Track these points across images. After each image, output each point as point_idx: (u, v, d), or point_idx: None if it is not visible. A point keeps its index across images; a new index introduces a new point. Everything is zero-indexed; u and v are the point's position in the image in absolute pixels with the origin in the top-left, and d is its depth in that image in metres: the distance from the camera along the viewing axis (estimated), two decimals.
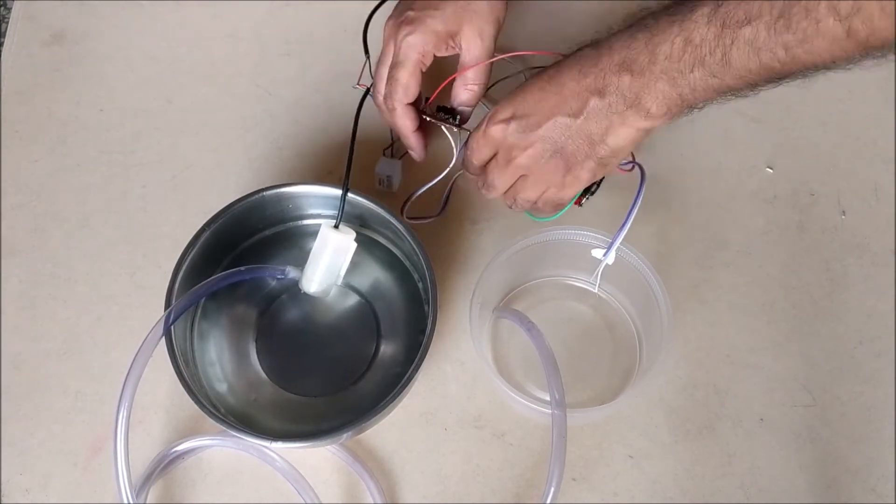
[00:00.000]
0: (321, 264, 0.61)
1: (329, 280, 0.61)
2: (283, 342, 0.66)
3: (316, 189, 0.63)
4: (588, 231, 0.62)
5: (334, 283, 0.62)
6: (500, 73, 0.70)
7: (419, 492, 0.62)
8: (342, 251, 0.61)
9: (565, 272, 0.68)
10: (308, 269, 0.61)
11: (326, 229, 0.60)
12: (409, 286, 0.65)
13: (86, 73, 0.76)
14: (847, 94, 0.74)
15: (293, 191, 0.63)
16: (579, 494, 0.61)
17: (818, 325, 0.66)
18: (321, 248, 0.61)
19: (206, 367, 0.62)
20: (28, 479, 0.62)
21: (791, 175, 0.71)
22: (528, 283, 0.68)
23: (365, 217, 0.64)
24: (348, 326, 0.66)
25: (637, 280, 0.62)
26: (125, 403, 0.54)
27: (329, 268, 0.61)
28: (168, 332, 0.56)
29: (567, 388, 0.58)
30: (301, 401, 0.64)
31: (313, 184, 0.63)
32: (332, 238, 0.60)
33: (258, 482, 0.61)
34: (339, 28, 0.77)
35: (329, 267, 0.61)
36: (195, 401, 0.55)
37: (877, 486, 0.61)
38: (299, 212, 0.65)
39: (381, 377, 0.64)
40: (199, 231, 0.60)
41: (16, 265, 0.69)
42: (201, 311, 0.64)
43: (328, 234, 0.60)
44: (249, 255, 0.65)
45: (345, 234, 0.61)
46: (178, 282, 0.58)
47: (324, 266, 0.61)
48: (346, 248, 0.61)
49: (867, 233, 0.69)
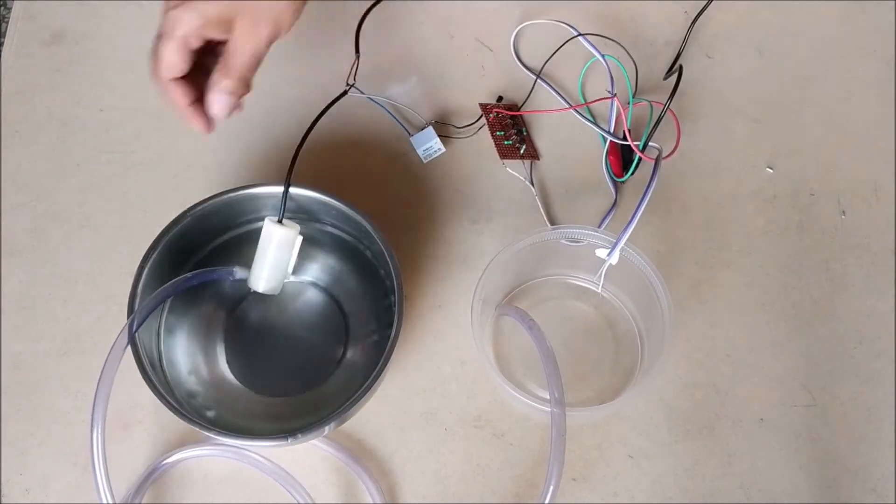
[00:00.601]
0: (267, 261, 0.60)
1: (277, 276, 0.60)
2: (251, 342, 0.65)
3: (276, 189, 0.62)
4: (590, 230, 0.62)
5: (283, 279, 0.61)
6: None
7: (419, 492, 0.62)
8: (287, 245, 0.60)
9: (567, 272, 0.68)
10: (255, 266, 0.60)
11: (270, 224, 0.59)
12: (377, 283, 0.65)
13: (86, 72, 0.76)
14: (847, 94, 0.74)
15: (257, 192, 0.63)
16: (579, 494, 0.61)
17: (818, 325, 0.66)
18: (266, 245, 0.60)
19: (175, 368, 0.62)
20: (28, 478, 0.62)
21: (791, 175, 0.71)
22: (531, 283, 0.68)
23: (324, 213, 0.64)
24: (317, 325, 0.66)
25: (639, 280, 0.62)
26: (97, 427, 0.54)
27: (275, 264, 0.60)
28: (132, 339, 0.56)
29: (568, 387, 0.58)
30: (272, 401, 0.64)
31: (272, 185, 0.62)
32: (275, 233, 0.59)
33: (256, 481, 0.61)
34: (338, 28, 0.77)
35: (275, 263, 0.60)
36: (170, 408, 0.55)
37: (877, 486, 0.61)
38: (263, 212, 0.65)
39: (351, 375, 0.64)
40: (161, 232, 0.60)
41: (16, 265, 0.69)
42: (168, 312, 0.63)
43: (272, 229, 0.59)
44: (218, 255, 0.65)
45: (289, 227, 0.60)
46: (140, 285, 0.58)
47: (270, 262, 0.60)
48: (291, 242, 0.60)
49: (867, 233, 0.69)
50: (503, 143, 0.71)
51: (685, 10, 0.78)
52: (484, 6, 0.79)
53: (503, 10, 0.78)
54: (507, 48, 0.77)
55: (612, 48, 0.73)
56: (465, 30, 0.78)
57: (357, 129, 0.73)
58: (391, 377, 0.65)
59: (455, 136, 0.73)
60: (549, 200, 0.71)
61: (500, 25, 0.78)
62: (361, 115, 0.73)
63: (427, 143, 0.71)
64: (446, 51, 0.77)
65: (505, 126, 0.72)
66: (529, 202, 0.70)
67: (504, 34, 0.77)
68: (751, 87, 0.75)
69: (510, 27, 0.77)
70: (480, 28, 0.78)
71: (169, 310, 0.63)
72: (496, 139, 0.72)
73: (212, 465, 0.62)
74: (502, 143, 0.71)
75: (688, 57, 0.75)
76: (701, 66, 0.76)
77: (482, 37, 0.77)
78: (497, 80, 0.75)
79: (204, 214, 0.62)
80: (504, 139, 0.71)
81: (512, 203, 0.71)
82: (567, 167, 0.72)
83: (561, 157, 0.72)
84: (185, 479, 0.62)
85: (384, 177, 0.72)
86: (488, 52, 0.77)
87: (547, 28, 0.75)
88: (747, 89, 0.75)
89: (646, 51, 0.76)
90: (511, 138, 0.72)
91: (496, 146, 0.71)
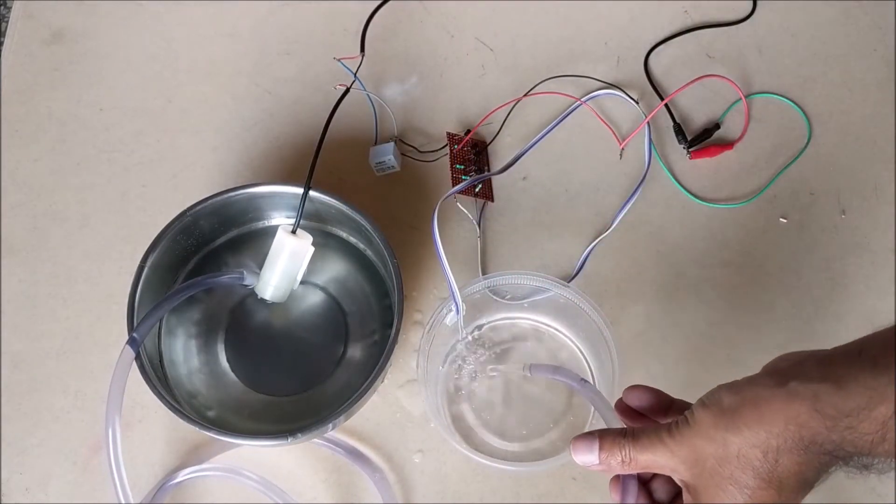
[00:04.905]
0: (277, 270, 0.60)
1: (285, 286, 0.61)
2: (251, 341, 0.65)
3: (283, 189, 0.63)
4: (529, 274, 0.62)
5: (290, 288, 0.61)
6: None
7: (419, 492, 0.62)
8: (298, 256, 0.60)
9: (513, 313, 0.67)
10: (264, 274, 0.61)
11: (283, 234, 0.59)
12: (377, 282, 0.65)
13: (85, 72, 0.76)
14: (847, 94, 0.74)
15: (257, 191, 0.63)
16: (579, 494, 0.61)
17: (818, 325, 0.66)
18: (277, 254, 0.60)
19: (176, 367, 0.62)
20: (28, 478, 0.62)
21: (791, 175, 0.71)
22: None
23: (330, 215, 0.64)
24: (318, 325, 0.66)
25: (588, 324, 0.62)
26: (112, 433, 0.53)
27: (285, 273, 0.60)
28: (137, 352, 0.56)
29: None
30: (273, 400, 0.64)
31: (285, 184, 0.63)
32: (288, 243, 0.59)
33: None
34: (339, 28, 0.77)
35: (285, 272, 0.60)
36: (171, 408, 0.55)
37: (877, 486, 0.61)
38: (263, 212, 0.65)
39: (351, 375, 0.64)
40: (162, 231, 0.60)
41: (16, 265, 0.69)
42: (168, 312, 0.63)
43: (284, 238, 0.59)
44: (218, 254, 0.66)
45: (301, 238, 0.60)
46: (140, 285, 0.59)
47: (280, 271, 0.60)
48: (303, 254, 0.60)
49: (867, 232, 0.69)
50: (460, 177, 0.69)
51: (685, 9, 0.78)
52: (484, 6, 0.79)
53: (503, 10, 0.78)
54: (507, 48, 0.77)
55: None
56: (465, 30, 0.78)
57: (357, 129, 0.73)
58: (391, 376, 0.65)
59: (414, 157, 0.72)
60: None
61: (501, 25, 0.78)
62: (362, 115, 0.73)
63: (382, 157, 0.70)
64: (446, 51, 0.77)
65: (467, 161, 0.71)
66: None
67: (504, 34, 0.77)
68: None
69: (510, 27, 0.77)
70: (480, 28, 0.78)
71: (170, 310, 0.63)
72: (454, 171, 0.69)
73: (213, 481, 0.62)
74: (459, 178, 0.69)
75: (688, 55, 0.75)
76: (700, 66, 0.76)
77: (482, 37, 0.78)
78: (497, 80, 0.75)
79: (204, 214, 0.62)
80: (462, 173, 0.70)
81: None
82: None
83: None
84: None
85: (384, 177, 0.72)
86: (488, 52, 0.77)
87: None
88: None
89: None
90: (469, 174, 0.70)
91: (452, 178, 0.69)
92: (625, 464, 0.45)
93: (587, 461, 0.47)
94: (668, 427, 0.44)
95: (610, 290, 0.67)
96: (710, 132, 0.72)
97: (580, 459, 0.47)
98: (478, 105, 0.74)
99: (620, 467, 0.46)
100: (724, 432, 0.42)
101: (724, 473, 0.42)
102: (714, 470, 0.42)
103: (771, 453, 0.41)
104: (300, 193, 0.60)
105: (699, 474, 0.43)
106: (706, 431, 0.42)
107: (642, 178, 0.70)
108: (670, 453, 0.44)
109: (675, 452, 0.44)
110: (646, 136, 0.71)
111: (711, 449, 0.42)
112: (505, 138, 0.73)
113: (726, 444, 0.42)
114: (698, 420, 0.43)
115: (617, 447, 0.45)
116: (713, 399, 0.44)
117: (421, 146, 0.72)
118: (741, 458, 0.41)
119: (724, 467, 0.42)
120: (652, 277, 0.68)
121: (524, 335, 0.66)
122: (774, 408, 0.41)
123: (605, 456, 0.46)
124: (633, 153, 0.72)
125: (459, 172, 0.69)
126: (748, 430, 0.41)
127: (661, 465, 0.45)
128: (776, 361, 0.46)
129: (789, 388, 0.41)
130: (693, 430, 0.43)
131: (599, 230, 0.69)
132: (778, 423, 0.41)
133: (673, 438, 0.44)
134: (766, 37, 0.77)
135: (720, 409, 0.43)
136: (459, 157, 0.70)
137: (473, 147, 0.72)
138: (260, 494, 0.60)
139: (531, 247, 0.69)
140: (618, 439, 0.46)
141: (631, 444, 0.45)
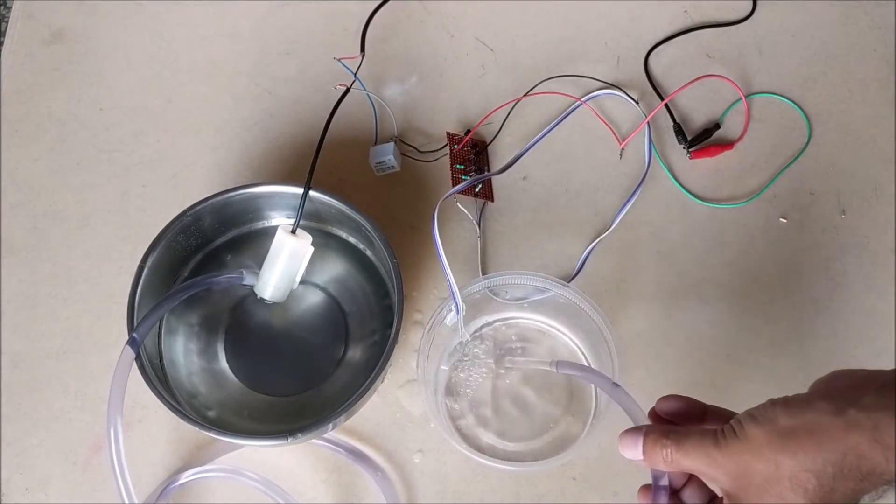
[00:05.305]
0: (276, 269, 0.60)
1: (284, 286, 0.61)
2: (251, 341, 0.65)
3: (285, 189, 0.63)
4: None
5: (290, 288, 0.61)
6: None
7: (419, 492, 0.62)
8: (299, 256, 0.60)
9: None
10: (263, 274, 0.60)
11: (283, 234, 0.59)
12: (377, 283, 0.65)
13: (85, 72, 0.76)
14: (847, 94, 0.74)
15: (257, 191, 0.63)
16: (579, 494, 0.61)
17: (818, 325, 0.66)
18: (277, 254, 0.60)
19: (176, 368, 0.62)
20: (28, 478, 0.62)
21: (791, 175, 0.71)
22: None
23: (330, 215, 0.64)
24: (318, 325, 0.66)
25: (588, 323, 0.62)
26: (113, 436, 0.53)
27: (284, 273, 0.60)
28: (137, 352, 0.56)
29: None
30: (273, 400, 0.64)
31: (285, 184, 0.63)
32: (288, 243, 0.59)
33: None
34: (339, 28, 0.77)
35: (284, 272, 0.60)
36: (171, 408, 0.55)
37: None
38: (263, 212, 0.65)
39: (351, 375, 0.64)
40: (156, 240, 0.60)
41: (16, 265, 0.69)
42: (168, 312, 0.63)
43: (284, 238, 0.59)
44: (218, 254, 0.66)
45: (301, 238, 0.60)
46: (140, 285, 0.59)
47: (279, 271, 0.60)
48: (303, 254, 0.60)
49: (867, 232, 0.69)
50: (460, 177, 0.69)
51: (685, 9, 0.78)
52: (484, 6, 0.79)
53: (503, 10, 0.78)
54: (507, 48, 0.77)
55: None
56: (466, 30, 0.78)
57: (357, 129, 0.73)
58: (391, 376, 0.65)
59: (414, 157, 0.72)
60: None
61: (500, 25, 0.78)
62: (362, 115, 0.73)
63: (382, 157, 0.70)
64: (446, 51, 0.77)
65: (467, 161, 0.71)
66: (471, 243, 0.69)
67: (504, 34, 0.77)
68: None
69: (510, 27, 0.77)
70: (480, 28, 0.78)
71: (169, 310, 0.63)
72: (454, 171, 0.70)
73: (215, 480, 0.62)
74: (459, 178, 0.69)
75: (687, 55, 0.75)
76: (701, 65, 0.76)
77: (482, 37, 0.77)
78: (497, 80, 0.75)
79: (204, 214, 0.62)
80: (462, 173, 0.70)
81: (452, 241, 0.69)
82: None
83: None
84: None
85: (384, 177, 0.72)
86: (488, 52, 0.77)
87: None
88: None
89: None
90: (469, 174, 0.70)
91: (452, 178, 0.69)
92: (666, 463, 0.46)
93: (633, 456, 0.47)
94: (713, 436, 0.44)
95: (610, 290, 0.67)
96: (710, 132, 0.72)
97: (628, 454, 0.47)
98: (478, 105, 0.74)
99: (663, 466, 0.46)
100: (777, 454, 0.41)
101: (773, 492, 0.41)
102: (762, 487, 0.42)
103: (826, 480, 0.40)
104: (300, 193, 0.60)
105: (744, 487, 0.43)
106: (757, 449, 0.42)
107: (642, 178, 0.70)
108: (715, 464, 0.43)
109: (720, 464, 0.43)
110: (646, 136, 0.71)
111: (761, 467, 0.42)
112: (505, 138, 0.73)
113: (778, 466, 0.41)
114: (750, 436, 0.42)
115: (659, 447, 0.46)
116: (766, 417, 0.43)
117: (421, 146, 0.72)
118: (794, 482, 0.41)
119: (773, 486, 0.41)
120: (652, 277, 0.68)
121: (524, 335, 0.66)
122: (833, 437, 0.40)
123: (647, 454, 0.46)
124: (633, 153, 0.72)
125: (459, 172, 0.69)
126: (804, 455, 0.41)
127: (703, 472, 0.45)
128: (831, 379, 0.45)
129: (848, 418, 0.40)
130: (744, 446, 0.42)
131: (599, 230, 0.69)
132: (836, 452, 0.40)
133: (720, 450, 0.43)
134: (766, 37, 0.77)
135: (774, 428, 0.42)
136: (459, 157, 0.70)
137: (473, 147, 0.72)
138: (261, 494, 0.60)
139: (531, 247, 0.69)
140: (660, 440, 0.46)
141: (674, 447, 0.45)
